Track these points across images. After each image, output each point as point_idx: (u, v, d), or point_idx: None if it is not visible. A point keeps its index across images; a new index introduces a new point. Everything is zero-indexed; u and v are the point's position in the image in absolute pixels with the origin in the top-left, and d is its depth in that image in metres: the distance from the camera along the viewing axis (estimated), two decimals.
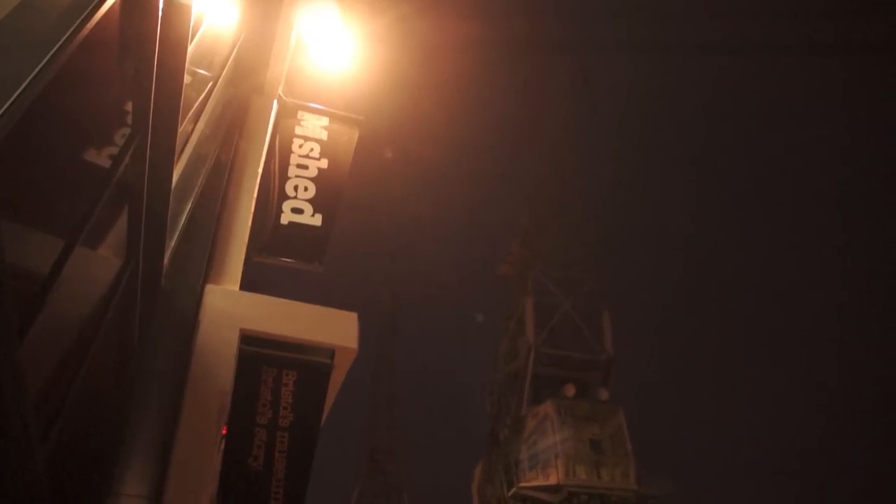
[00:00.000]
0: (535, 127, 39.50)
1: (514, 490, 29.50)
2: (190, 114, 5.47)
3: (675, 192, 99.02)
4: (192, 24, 3.67)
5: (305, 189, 7.27)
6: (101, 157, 3.20)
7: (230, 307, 5.80)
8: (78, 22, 2.34)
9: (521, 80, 41.28)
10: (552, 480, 27.95)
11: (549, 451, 28.48)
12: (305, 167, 7.35)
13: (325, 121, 7.61)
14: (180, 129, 4.22)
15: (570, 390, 30.62)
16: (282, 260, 7.09)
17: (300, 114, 7.56)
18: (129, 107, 3.41)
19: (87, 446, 4.32)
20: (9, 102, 1.93)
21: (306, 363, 5.68)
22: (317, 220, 7.22)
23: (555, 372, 32.39)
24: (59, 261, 2.77)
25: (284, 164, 7.33)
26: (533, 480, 28.98)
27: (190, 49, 3.91)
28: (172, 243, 5.57)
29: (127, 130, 3.46)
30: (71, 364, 3.45)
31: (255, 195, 6.89)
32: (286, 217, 7.14)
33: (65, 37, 2.25)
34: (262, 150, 7.12)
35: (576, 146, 39.24)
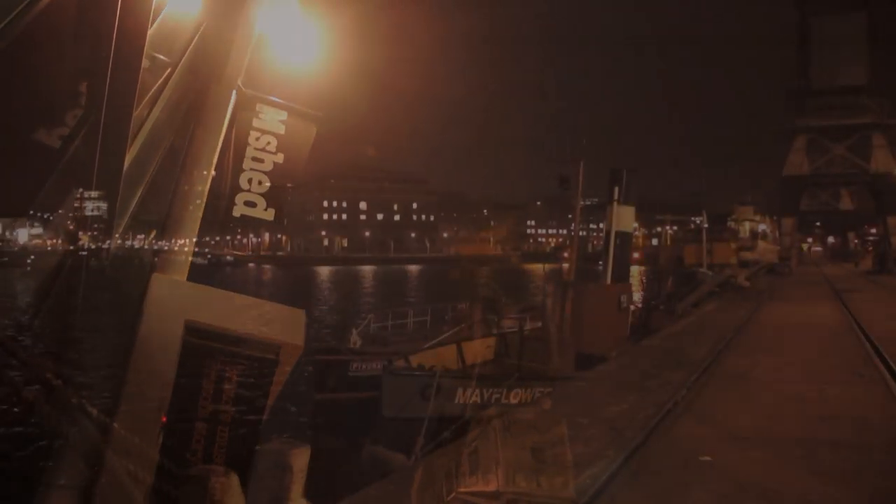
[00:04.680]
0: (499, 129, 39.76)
1: (453, 494, 29.54)
2: (146, 99, 5.37)
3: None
4: (152, 7, 3.62)
5: (260, 183, 7.15)
6: (51, 137, 3.13)
7: (176, 298, 5.68)
8: None
9: (491, 79, 41.51)
10: (492, 487, 28.05)
11: (490, 458, 28.58)
12: (261, 161, 7.23)
13: (283, 115, 7.49)
14: (135, 114, 4.15)
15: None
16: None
17: (259, 106, 7.43)
18: (83, 87, 3.34)
19: (19, 435, 4.20)
20: None
21: (251, 358, 5.61)
22: (269, 215, 7.10)
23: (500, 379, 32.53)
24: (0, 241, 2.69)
25: (240, 157, 7.20)
26: (473, 486, 29.04)
27: (150, 33, 3.85)
28: (120, 230, 5.46)
29: (80, 111, 3.38)
30: (6, 350, 3.35)
31: (209, 186, 6.78)
32: (238, 210, 7.01)
33: (16, 11, 2.20)
34: (218, 141, 6.99)
35: (540, 154, 39.63)
